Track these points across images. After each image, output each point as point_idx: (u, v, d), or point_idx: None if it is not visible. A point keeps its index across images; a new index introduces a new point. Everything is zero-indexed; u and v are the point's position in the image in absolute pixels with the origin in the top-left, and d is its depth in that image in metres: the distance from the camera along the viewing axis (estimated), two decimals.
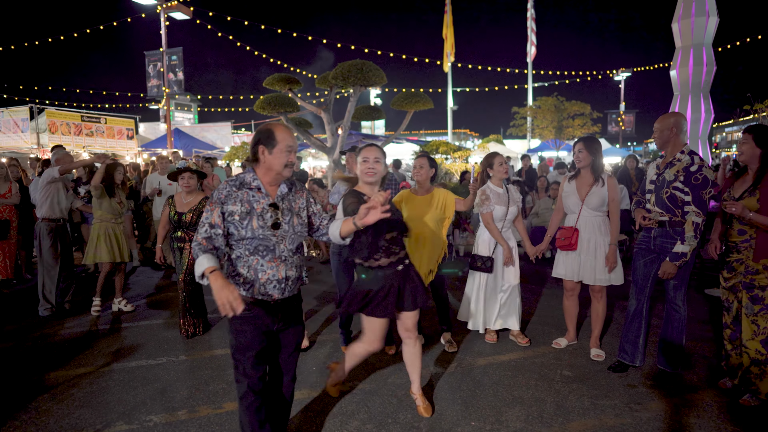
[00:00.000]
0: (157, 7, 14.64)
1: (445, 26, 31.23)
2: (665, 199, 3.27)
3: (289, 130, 2.23)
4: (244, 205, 2.16)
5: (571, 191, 3.90)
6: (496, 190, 4.07)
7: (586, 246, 3.79)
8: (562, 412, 3.02)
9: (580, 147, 3.79)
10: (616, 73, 29.63)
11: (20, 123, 12.08)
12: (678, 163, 3.26)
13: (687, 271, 3.32)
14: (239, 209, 2.15)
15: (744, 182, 3.16)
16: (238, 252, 2.19)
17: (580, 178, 3.86)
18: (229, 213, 2.15)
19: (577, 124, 26.85)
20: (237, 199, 2.17)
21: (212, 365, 3.78)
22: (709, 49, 14.07)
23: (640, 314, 3.52)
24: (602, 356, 3.79)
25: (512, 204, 4.06)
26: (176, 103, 32.90)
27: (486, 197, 4.02)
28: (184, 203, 4.40)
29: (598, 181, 3.76)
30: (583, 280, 3.84)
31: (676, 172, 3.23)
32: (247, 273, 2.18)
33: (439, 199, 3.81)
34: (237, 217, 2.15)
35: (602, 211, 3.80)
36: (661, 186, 3.32)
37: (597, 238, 3.78)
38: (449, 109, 33.52)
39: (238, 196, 2.17)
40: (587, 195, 3.78)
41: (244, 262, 2.19)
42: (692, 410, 3.02)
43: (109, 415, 3.03)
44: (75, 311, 5.11)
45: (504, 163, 4.08)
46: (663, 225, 3.33)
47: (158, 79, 27.34)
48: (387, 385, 3.41)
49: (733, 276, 3.19)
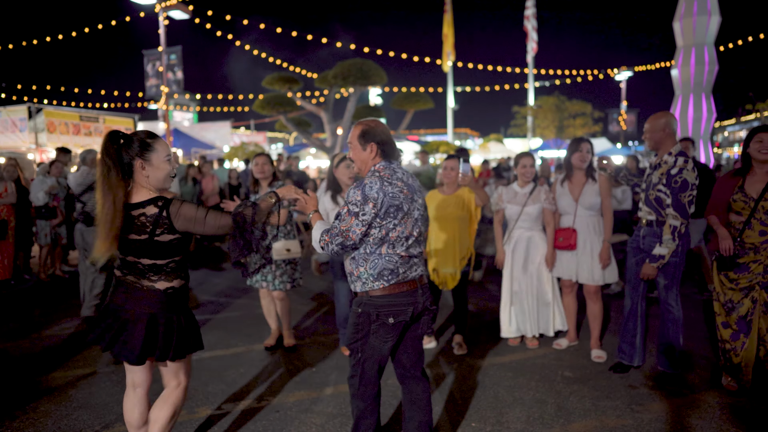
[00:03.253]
0: (155, 6, 14.62)
1: (445, 25, 31.22)
2: (652, 200, 3.31)
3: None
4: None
5: (563, 193, 3.91)
6: (515, 189, 4.05)
7: (582, 246, 3.81)
8: (563, 413, 3.00)
9: (588, 148, 3.83)
10: (617, 72, 29.59)
11: (18, 122, 12.05)
12: (664, 165, 3.27)
13: (678, 271, 3.31)
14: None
15: (754, 181, 3.15)
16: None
17: (573, 180, 3.88)
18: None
19: (578, 123, 26.85)
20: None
21: (211, 366, 3.76)
22: (711, 48, 14.03)
23: (634, 314, 3.52)
24: (603, 357, 3.77)
25: (531, 204, 3.95)
26: (175, 103, 32.89)
27: (499, 197, 4.07)
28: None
29: (590, 179, 3.78)
30: (579, 280, 3.85)
31: (661, 174, 3.25)
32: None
33: (463, 198, 3.87)
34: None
35: (597, 210, 3.82)
36: (648, 187, 3.35)
37: (592, 238, 3.81)
38: (449, 108, 33.51)
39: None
40: (580, 195, 3.81)
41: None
42: (694, 411, 3.00)
43: (108, 416, 3.01)
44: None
45: (527, 165, 4.01)
46: (651, 224, 3.34)
47: (157, 79, 27.30)
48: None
49: (742, 277, 3.16)
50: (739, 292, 3.19)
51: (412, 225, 2.24)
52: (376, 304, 2.22)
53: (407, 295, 2.24)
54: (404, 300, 2.23)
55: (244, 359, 3.89)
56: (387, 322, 2.21)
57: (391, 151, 2.30)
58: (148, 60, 28.00)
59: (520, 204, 3.99)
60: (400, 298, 2.22)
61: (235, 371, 3.66)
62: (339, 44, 21.06)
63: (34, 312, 5.10)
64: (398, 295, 2.22)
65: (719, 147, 30.80)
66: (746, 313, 3.17)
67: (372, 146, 2.27)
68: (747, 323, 3.17)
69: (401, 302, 2.22)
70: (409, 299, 2.24)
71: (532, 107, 28.96)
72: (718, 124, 39.91)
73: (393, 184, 2.18)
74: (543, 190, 3.98)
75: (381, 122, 2.33)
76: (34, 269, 6.89)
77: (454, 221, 3.85)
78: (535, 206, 3.96)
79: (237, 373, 3.63)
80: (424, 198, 2.43)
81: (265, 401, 3.20)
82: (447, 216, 3.86)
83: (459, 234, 3.86)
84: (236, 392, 3.33)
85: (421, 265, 2.34)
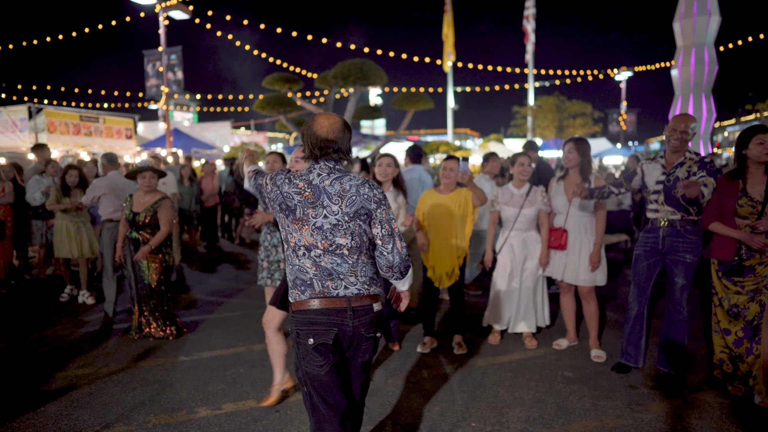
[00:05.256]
0: (156, 6, 14.62)
1: (445, 26, 31.22)
2: (678, 197, 3.25)
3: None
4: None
5: (558, 192, 3.90)
6: (512, 190, 4.05)
7: (572, 246, 3.82)
8: (563, 413, 3.00)
9: (570, 147, 3.80)
10: (617, 72, 29.60)
11: (18, 122, 12.05)
12: (689, 161, 3.29)
13: (693, 272, 3.32)
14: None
15: (753, 183, 3.08)
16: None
17: (568, 179, 3.87)
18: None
19: (578, 123, 26.85)
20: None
21: (211, 366, 3.76)
22: (711, 48, 14.03)
23: (641, 316, 3.50)
24: (603, 357, 3.77)
25: (528, 206, 3.97)
26: (175, 103, 32.90)
27: (495, 198, 4.08)
28: (141, 202, 4.34)
29: (586, 181, 3.76)
30: (565, 280, 3.86)
31: (689, 168, 3.25)
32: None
33: (461, 197, 3.89)
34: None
35: (589, 211, 3.82)
36: (673, 185, 3.28)
37: (583, 238, 3.80)
38: (449, 108, 33.51)
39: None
40: (574, 195, 3.77)
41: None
42: (694, 411, 3.00)
43: (108, 416, 3.01)
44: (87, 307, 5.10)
45: (524, 164, 4.02)
46: (674, 224, 3.31)
47: (157, 79, 27.32)
48: (387, 385, 3.39)
49: (748, 279, 3.09)
50: (745, 295, 3.12)
51: (315, 235, 1.89)
52: (296, 320, 1.94)
53: (329, 314, 1.90)
54: (324, 319, 1.90)
55: (244, 359, 3.89)
56: (307, 343, 1.90)
57: (327, 152, 1.94)
58: (149, 60, 28.01)
59: (518, 206, 3.99)
60: (320, 316, 1.90)
61: (235, 371, 3.66)
62: (339, 44, 21.05)
63: (34, 312, 5.10)
64: (317, 311, 1.90)
65: (719, 147, 30.76)
66: (752, 318, 3.10)
67: (303, 147, 2.03)
68: (753, 328, 3.09)
69: (320, 321, 1.90)
70: (331, 319, 1.90)
71: (532, 107, 28.95)
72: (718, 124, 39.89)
73: (293, 183, 1.91)
74: (539, 191, 3.99)
75: (322, 117, 1.99)
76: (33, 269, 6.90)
77: (451, 220, 3.86)
78: (532, 208, 3.96)
79: (237, 373, 3.63)
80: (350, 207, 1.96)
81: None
82: (444, 215, 3.88)
83: (455, 233, 3.87)
84: (236, 392, 3.33)
85: (360, 282, 1.95)
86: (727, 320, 3.19)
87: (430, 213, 3.93)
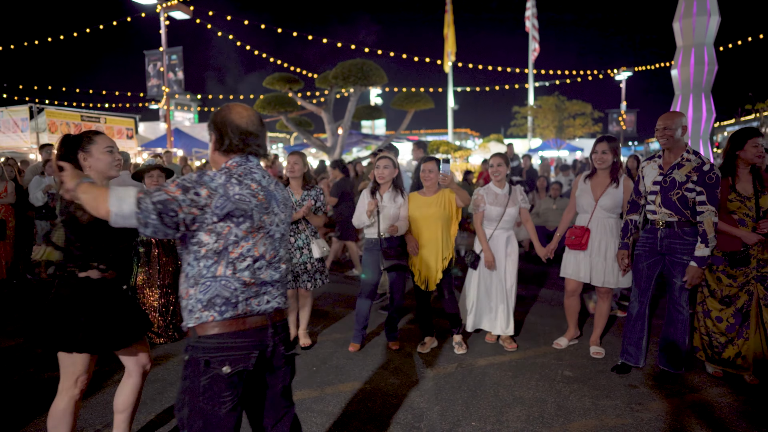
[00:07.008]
0: (156, 7, 14.63)
1: (445, 26, 31.22)
2: (675, 200, 3.25)
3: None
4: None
5: (585, 190, 3.86)
6: (495, 190, 4.06)
7: (597, 247, 3.77)
8: (563, 413, 3.01)
9: (605, 148, 3.71)
10: (617, 73, 29.62)
11: (20, 123, 12.08)
12: (687, 163, 3.24)
13: None
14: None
15: (741, 181, 3.30)
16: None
17: (596, 178, 3.83)
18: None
19: (578, 123, 26.88)
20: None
21: None
22: (711, 49, 14.04)
23: (642, 316, 3.51)
24: (602, 353, 3.78)
25: (512, 205, 4.02)
26: (176, 103, 32.90)
27: (479, 198, 4.06)
28: None
29: (615, 182, 3.73)
30: (591, 282, 3.83)
31: (688, 172, 3.21)
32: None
33: (444, 198, 3.88)
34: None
35: (616, 213, 3.78)
36: (670, 187, 3.28)
37: (608, 240, 3.76)
38: (450, 108, 33.51)
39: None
40: (602, 195, 3.75)
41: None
42: (694, 411, 3.01)
43: (109, 416, 3.02)
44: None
45: (500, 164, 4.03)
46: (671, 226, 3.31)
47: (158, 79, 27.31)
48: (387, 385, 3.40)
49: (740, 272, 3.31)
50: (737, 287, 3.33)
51: (267, 244, 1.72)
52: (207, 346, 1.64)
53: (251, 335, 1.68)
54: (245, 342, 1.67)
55: None
56: (221, 372, 1.62)
57: (249, 144, 1.75)
58: (149, 60, 28.00)
59: (502, 205, 4.00)
60: (240, 338, 1.66)
61: None
62: (339, 44, 21.07)
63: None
64: (236, 334, 1.66)
65: (719, 147, 30.78)
66: (742, 305, 3.32)
67: (215, 136, 1.75)
68: (743, 314, 3.32)
69: (241, 344, 1.66)
70: (252, 340, 1.68)
71: (532, 107, 28.96)
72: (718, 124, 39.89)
73: (243, 183, 1.67)
74: (518, 190, 4.07)
75: (239, 107, 1.78)
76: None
77: (436, 221, 3.83)
78: (515, 207, 4.02)
79: None
80: (290, 215, 1.89)
81: None
82: (428, 217, 3.84)
83: (440, 234, 3.84)
84: None
85: (280, 295, 1.78)
86: (718, 308, 3.39)
87: (413, 216, 3.90)
